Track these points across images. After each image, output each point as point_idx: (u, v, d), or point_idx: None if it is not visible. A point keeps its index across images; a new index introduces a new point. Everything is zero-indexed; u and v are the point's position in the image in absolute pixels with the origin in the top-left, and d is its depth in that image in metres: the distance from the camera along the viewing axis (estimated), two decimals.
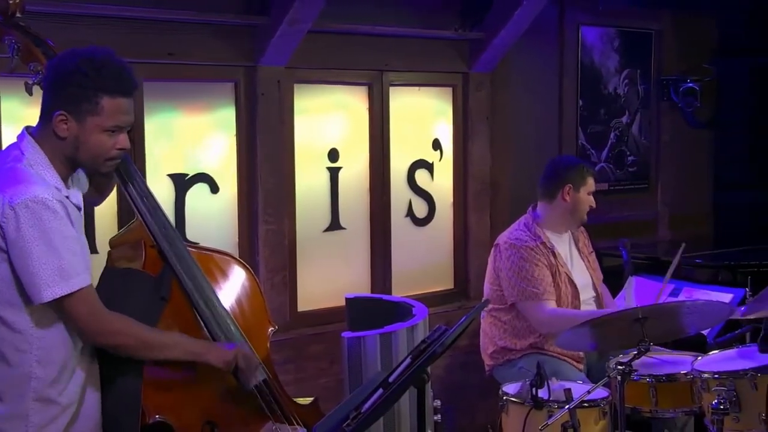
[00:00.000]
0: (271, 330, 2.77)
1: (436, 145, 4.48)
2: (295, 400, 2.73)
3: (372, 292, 4.21)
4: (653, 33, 5.42)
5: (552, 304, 3.63)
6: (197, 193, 3.69)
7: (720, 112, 5.71)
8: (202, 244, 3.18)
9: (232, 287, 2.73)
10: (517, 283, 3.63)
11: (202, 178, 3.70)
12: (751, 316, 3.47)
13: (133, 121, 2.39)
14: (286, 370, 3.79)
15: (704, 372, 3.13)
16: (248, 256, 3.77)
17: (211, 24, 3.63)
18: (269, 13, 3.66)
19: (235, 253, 3.71)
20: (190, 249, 2.64)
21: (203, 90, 3.71)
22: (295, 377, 3.87)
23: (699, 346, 3.66)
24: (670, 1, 5.31)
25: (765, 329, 3.07)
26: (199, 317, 2.54)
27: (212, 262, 2.71)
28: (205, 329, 2.54)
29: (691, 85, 5.33)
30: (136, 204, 2.56)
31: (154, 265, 2.55)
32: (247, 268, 2.80)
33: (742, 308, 3.56)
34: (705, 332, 3.67)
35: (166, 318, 2.50)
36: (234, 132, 3.78)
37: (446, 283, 4.57)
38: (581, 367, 3.72)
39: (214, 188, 3.74)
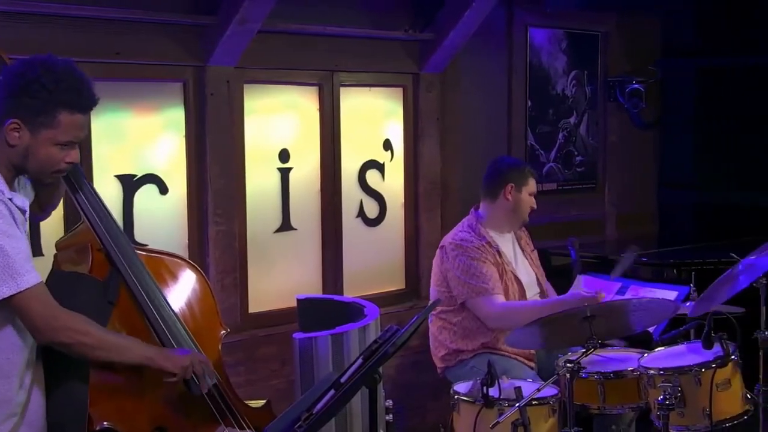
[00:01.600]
0: (223, 333, 2.75)
1: (387, 145, 4.49)
2: (246, 402, 2.72)
3: (323, 292, 4.21)
4: (599, 35, 5.50)
5: (502, 298, 3.67)
6: (146, 195, 3.64)
7: (665, 112, 5.82)
8: (151, 246, 3.15)
9: (182, 290, 2.70)
10: (466, 281, 3.66)
11: (151, 179, 3.66)
12: (695, 313, 3.56)
13: (85, 136, 2.36)
14: (237, 372, 3.77)
15: (650, 368, 3.19)
16: (198, 257, 3.74)
17: (159, 23, 3.58)
18: (218, 12, 3.63)
19: (185, 254, 3.67)
20: (138, 252, 2.61)
21: (151, 90, 3.67)
22: (247, 379, 3.84)
23: (645, 343, 3.73)
24: (615, 3, 5.40)
25: (708, 326, 3.14)
26: (147, 321, 2.51)
27: (162, 265, 2.68)
28: (154, 333, 2.51)
29: (636, 86, 5.41)
30: (83, 207, 2.52)
31: (101, 268, 2.51)
32: (198, 271, 2.77)
33: (687, 305, 3.64)
34: (651, 329, 3.73)
35: (113, 322, 2.46)
36: (183, 132, 3.74)
37: (397, 283, 4.58)
38: (532, 365, 3.76)
39: (163, 189, 3.69)
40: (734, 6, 5.57)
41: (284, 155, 4.09)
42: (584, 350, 2.99)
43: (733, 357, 3.17)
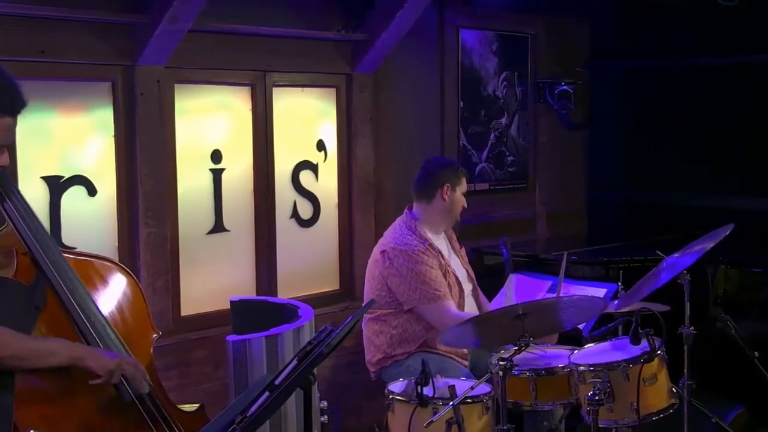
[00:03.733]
0: (155, 336, 2.71)
1: (321, 146, 4.48)
2: (179, 407, 2.68)
3: (257, 294, 4.18)
4: (529, 37, 5.58)
5: (453, 304, 3.69)
6: (73, 196, 3.57)
7: (593, 113, 5.94)
8: (80, 249, 3.08)
9: (112, 294, 2.65)
10: (417, 287, 3.65)
11: (79, 180, 3.59)
12: (623, 310, 3.64)
13: (14, 140, 2.30)
14: (170, 376, 3.72)
15: (581, 365, 3.25)
16: (129, 260, 3.68)
17: (86, 21, 3.51)
18: (148, 11, 3.58)
19: (115, 257, 3.61)
20: (66, 255, 2.55)
21: (79, 90, 3.59)
22: (179, 383, 3.80)
23: (575, 340, 3.80)
24: (543, 6, 5.49)
25: (636, 322, 3.21)
26: (76, 326, 2.46)
27: (91, 268, 2.62)
28: (82, 338, 2.46)
29: (565, 87, 5.51)
30: (7, 210, 2.46)
31: (26, 273, 2.45)
32: (129, 273, 2.72)
33: (615, 302, 3.72)
34: (581, 326, 3.81)
35: (40, 327, 2.40)
36: (112, 133, 3.68)
37: (332, 283, 4.58)
38: (466, 363, 3.80)
39: (92, 191, 3.63)
40: (658, 9, 5.72)
41: (216, 156, 4.05)
42: (516, 348, 3.03)
43: (659, 352, 3.25)
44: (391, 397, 3.17)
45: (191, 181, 3.96)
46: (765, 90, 5.39)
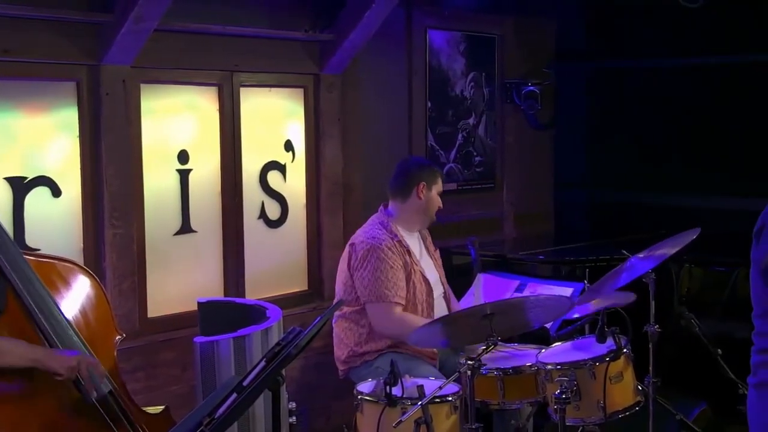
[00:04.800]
0: (118, 338, 2.69)
1: (289, 146, 4.47)
2: (144, 409, 2.67)
3: (225, 295, 4.16)
4: (496, 37, 5.61)
5: (400, 310, 3.67)
6: (37, 197, 3.52)
7: (559, 114, 5.99)
8: (44, 251, 3.05)
9: (75, 296, 2.63)
10: (371, 283, 3.66)
11: (43, 181, 3.54)
12: (590, 309, 3.68)
13: None
14: (136, 378, 3.69)
15: (548, 363, 3.28)
16: (94, 262, 3.64)
17: (50, 20, 3.47)
18: (113, 10, 3.55)
19: (80, 259, 3.57)
20: (28, 257, 2.52)
21: (43, 89, 3.55)
22: (146, 385, 3.76)
23: (542, 339, 3.83)
24: (511, 7, 5.52)
25: (602, 321, 3.25)
26: (37, 329, 2.44)
27: (53, 271, 2.60)
28: (44, 341, 2.43)
29: (531, 88, 5.55)
30: None
31: None
32: (92, 276, 2.70)
33: (585, 307, 3.75)
34: (548, 325, 3.84)
35: (1, 330, 2.38)
36: (77, 133, 3.63)
37: (300, 284, 4.57)
38: (435, 363, 3.80)
39: (56, 192, 3.58)
40: (623, 11, 5.78)
41: (183, 156, 4.02)
42: (484, 347, 3.05)
43: (625, 350, 3.29)
44: (360, 397, 3.17)
45: (158, 181, 3.93)
46: (729, 91, 5.47)
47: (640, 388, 3.36)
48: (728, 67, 5.48)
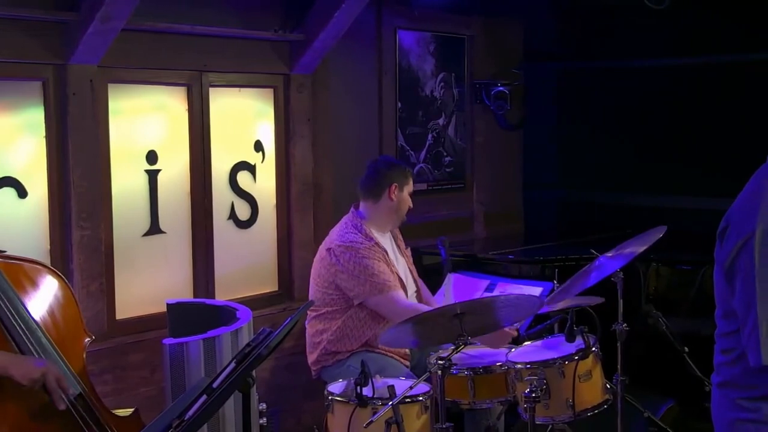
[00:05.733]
0: (88, 341, 2.66)
1: (258, 146, 4.45)
2: (113, 412, 2.64)
3: (194, 296, 4.13)
4: (466, 38, 5.63)
5: (403, 294, 3.70)
6: (3, 198, 3.48)
7: (529, 114, 6.03)
8: (10, 252, 3.01)
9: (43, 298, 2.60)
10: (366, 280, 3.65)
11: (8, 182, 3.50)
12: (558, 307, 3.70)
13: None
14: (105, 380, 3.66)
15: (517, 363, 3.30)
16: (61, 263, 3.60)
17: (15, 19, 3.43)
18: (80, 8, 3.51)
19: (47, 260, 3.53)
20: None
21: (8, 89, 3.50)
22: (114, 388, 3.73)
23: (512, 338, 3.84)
24: (480, 8, 5.54)
25: (571, 320, 3.27)
26: (6, 331, 2.41)
27: (20, 272, 2.57)
28: (13, 343, 2.40)
29: (501, 88, 5.58)
30: None
31: None
32: (60, 277, 2.67)
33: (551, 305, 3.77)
34: (517, 325, 3.86)
35: None
36: (43, 133, 3.59)
37: (270, 285, 4.55)
38: (407, 363, 3.81)
39: (22, 193, 3.54)
40: (591, 12, 5.83)
41: (152, 157, 3.99)
42: (455, 347, 3.06)
43: (593, 349, 3.32)
44: (330, 398, 3.17)
45: (126, 182, 3.89)
46: (697, 92, 5.54)
47: (608, 386, 3.39)
48: (695, 68, 5.56)
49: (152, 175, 3.99)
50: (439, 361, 3.03)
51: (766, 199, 2.07)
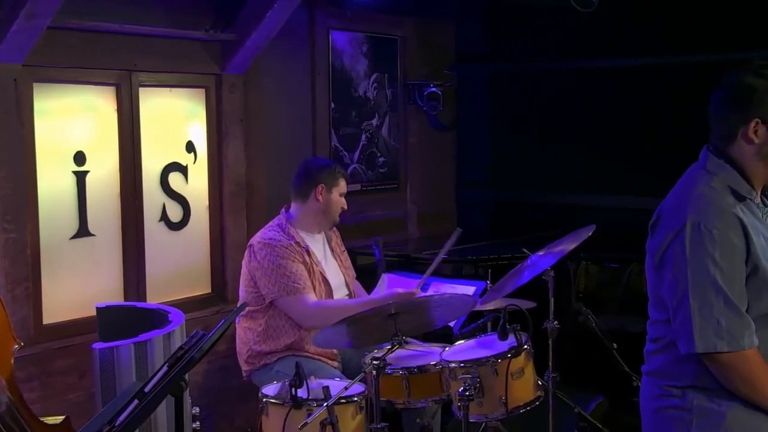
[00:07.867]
0: (16, 347, 2.59)
1: (190, 147, 4.40)
2: (42, 420, 2.58)
3: (125, 299, 4.06)
4: (398, 39, 5.66)
5: (314, 297, 3.70)
6: None
7: (461, 115, 6.09)
8: None
9: None
10: (277, 280, 3.65)
11: None
12: (491, 306, 3.75)
13: None
14: (32, 387, 3.57)
15: (451, 361, 3.32)
16: None
17: None
18: (3, 5, 3.42)
19: None
20: None
21: None
22: (42, 395, 3.64)
23: (446, 337, 3.88)
24: (412, 9, 5.58)
25: (504, 318, 3.31)
26: None
27: None
28: None
29: (433, 89, 5.62)
30: None
31: None
32: None
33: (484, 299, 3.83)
34: (451, 324, 3.89)
35: None
36: None
37: (203, 287, 4.50)
38: (336, 364, 3.81)
39: None
40: (523, 14, 5.92)
41: (80, 158, 3.91)
42: (389, 347, 3.07)
43: (525, 347, 3.36)
44: (264, 400, 3.15)
45: (53, 184, 3.81)
46: (625, 92, 5.66)
47: (540, 383, 3.44)
48: (623, 70, 5.68)
49: (80, 177, 3.91)
50: (374, 361, 3.05)
51: (697, 193, 2.14)
